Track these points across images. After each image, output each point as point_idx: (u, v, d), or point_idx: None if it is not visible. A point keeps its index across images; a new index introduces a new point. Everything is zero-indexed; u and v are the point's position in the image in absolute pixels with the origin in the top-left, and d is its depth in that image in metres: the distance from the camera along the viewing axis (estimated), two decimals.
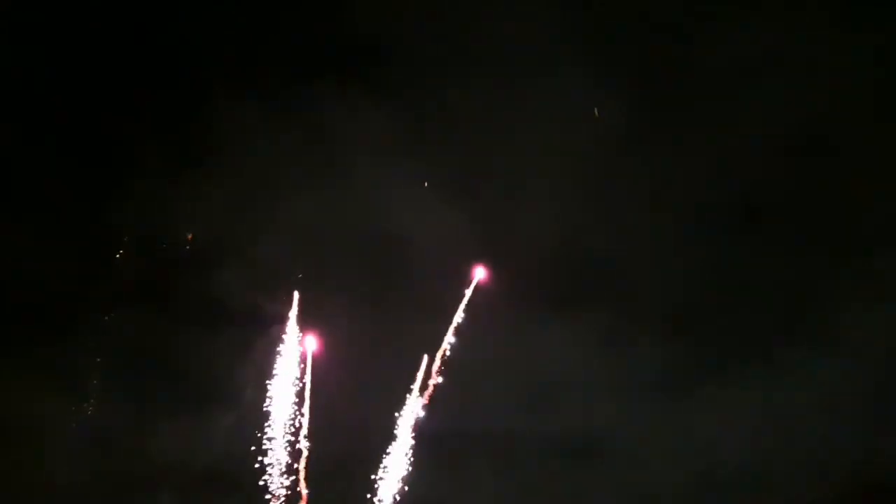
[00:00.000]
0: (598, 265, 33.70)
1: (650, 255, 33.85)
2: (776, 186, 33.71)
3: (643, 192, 34.31)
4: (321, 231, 32.88)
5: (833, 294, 32.62)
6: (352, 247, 33.09)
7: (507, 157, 33.97)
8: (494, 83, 34.03)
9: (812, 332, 32.17)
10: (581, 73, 33.18)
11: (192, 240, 33.35)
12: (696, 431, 32.39)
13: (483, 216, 33.51)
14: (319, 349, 32.72)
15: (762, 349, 32.84)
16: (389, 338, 32.57)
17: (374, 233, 33.09)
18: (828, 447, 31.80)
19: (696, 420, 32.34)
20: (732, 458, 32.45)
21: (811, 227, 33.45)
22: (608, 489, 32.49)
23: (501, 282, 33.23)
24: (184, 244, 33.43)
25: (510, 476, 32.80)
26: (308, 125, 33.21)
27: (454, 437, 32.36)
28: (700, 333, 33.04)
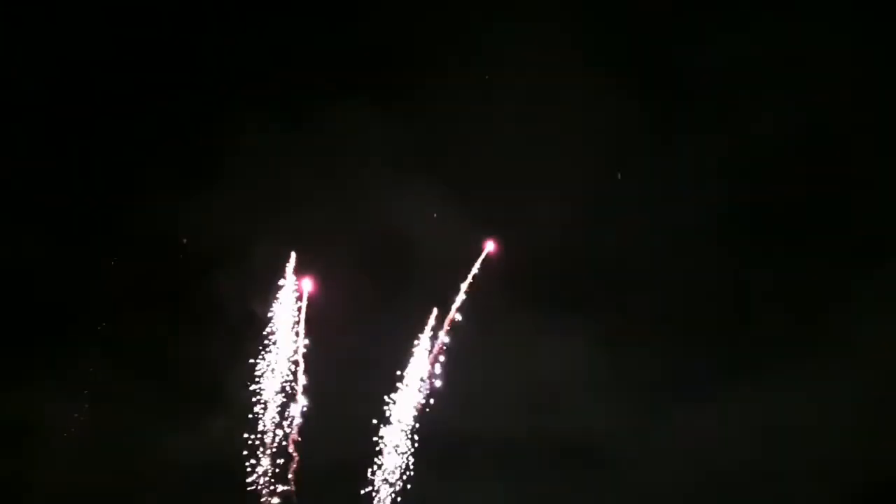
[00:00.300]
0: (602, 268, 33.76)
1: (654, 258, 33.86)
2: (785, 190, 33.60)
3: (648, 195, 34.31)
4: (325, 233, 32.96)
5: (841, 299, 32.63)
6: (357, 243, 33.11)
7: (511, 160, 33.97)
8: (498, 87, 34.12)
9: (817, 337, 32.14)
10: (586, 76, 33.21)
11: (189, 244, 33.22)
12: (699, 436, 32.32)
13: (486, 218, 33.54)
14: (315, 290, 32.69)
15: (767, 353, 32.78)
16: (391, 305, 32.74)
17: (380, 233, 33.16)
18: (833, 452, 31.72)
19: (699, 424, 32.30)
20: (735, 464, 32.36)
21: (819, 232, 33.31)
22: (609, 493, 32.51)
23: (504, 284, 33.08)
24: (188, 249, 33.35)
25: (511, 479, 32.76)
26: (316, 131, 33.32)
27: (454, 440, 32.31)
28: (704, 337, 33.04)
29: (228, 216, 32.72)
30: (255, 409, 32.08)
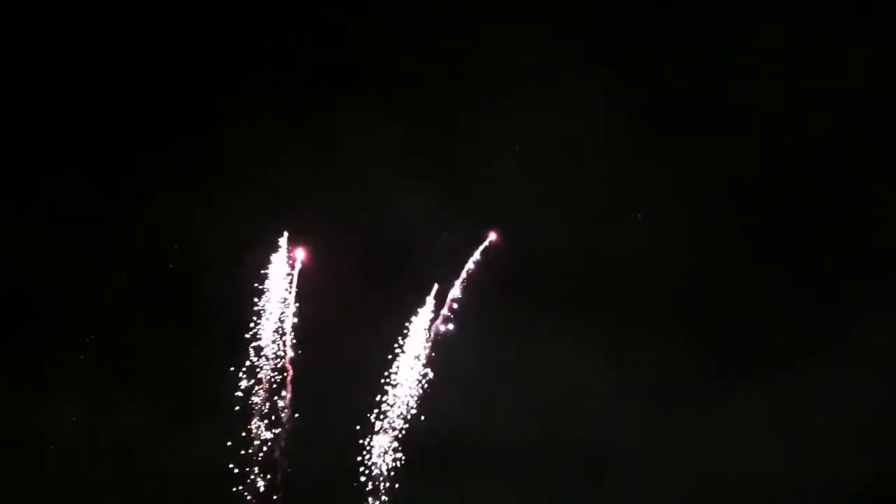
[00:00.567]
0: (606, 271, 33.63)
1: (663, 262, 33.70)
2: (794, 192, 33.60)
3: (654, 199, 34.03)
4: (323, 229, 32.94)
5: (851, 303, 32.54)
6: (356, 238, 33.17)
7: (516, 162, 34.06)
8: (502, 91, 34.16)
9: (828, 341, 32.08)
10: (590, 79, 33.16)
11: (181, 250, 33.12)
12: (704, 440, 32.20)
13: (489, 221, 33.52)
14: (307, 259, 32.68)
15: (777, 358, 32.67)
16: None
17: (382, 233, 33.13)
18: (843, 457, 31.61)
19: (704, 429, 32.18)
20: (741, 468, 32.33)
21: (822, 235, 33.32)
22: (613, 497, 32.38)
23: (508, 288, 33.07)
24: (180, 255, 33.17)
25: (516, 485, 32.60)
26: (320, 135, 33.42)
27: (458, 445, 32.15)
28: (714, 342, 32.93)
29: (226, 218, 32.71)
30: (249, 414, 32.14)
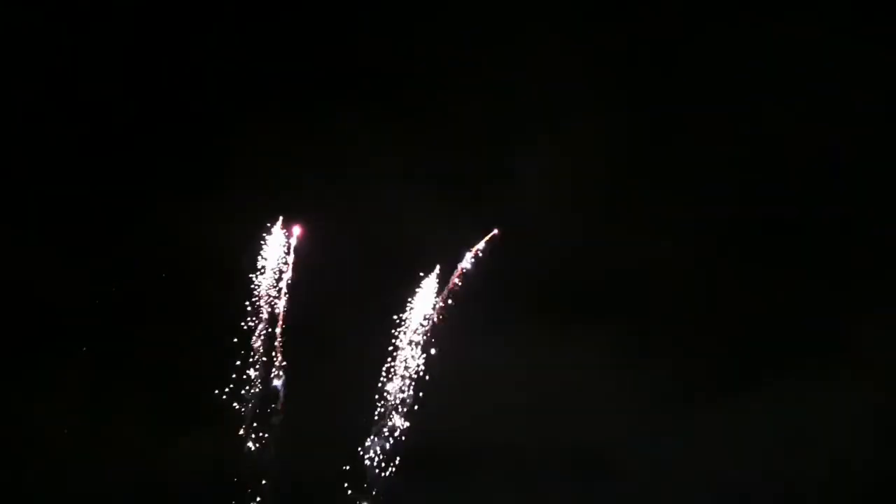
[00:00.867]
0: (612, 278, 33.57)
1: (665, 268, 33.61)
2: (792, 200, 33.63)
3: (657, 206, 34.15)
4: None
5: (851, 309, 32.49)
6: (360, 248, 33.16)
7: (520, 169, 33.93)
8: (505, 96, 34.27)
9: (829, 347, 32.11)
10: (594, 87, 33.30)
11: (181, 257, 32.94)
12: (710, 444, 32.20)
13: (494, 227, 33.42)
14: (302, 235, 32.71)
15: (778, 363, 32.65)
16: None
17: (385, 238, 33.15)
18: (845, 462, 31.63)
19: (710, 433, 32.15)
20: (746, 473, 32.28)
21: (830, 241, 33.26)
22: (619, 502, 32.33)
23: (512, 289, 33.12)
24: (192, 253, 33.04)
25: (518, 489, 32.57)
26: (324, 141, 33.43)
27: (460, 448, 32.06)
28: (715, 347, 32.95)
29: (225, 216, 32.69)
30: (244, 413, 32.28)
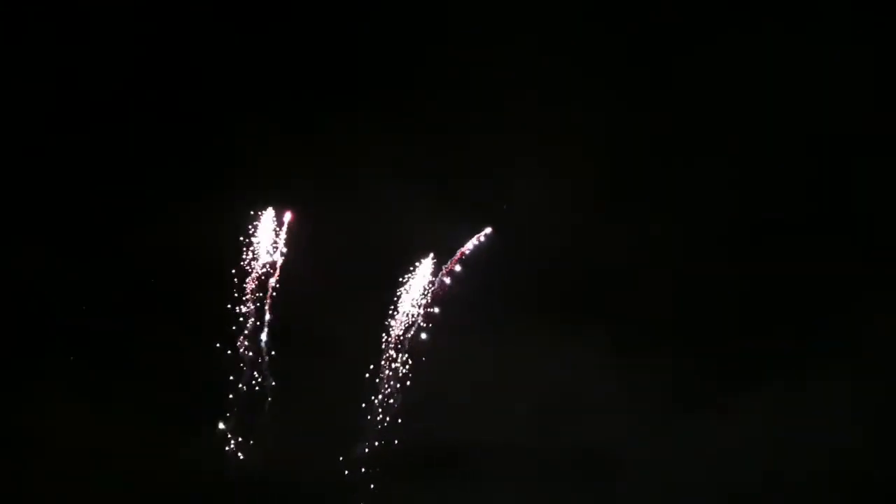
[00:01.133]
0: (612, 278, 33.59)
1: (665, 268, 33.68)
2: (793, 196, 33.56)
3: (658, 204, 34.16)
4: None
5: (852, 306, 32.49)
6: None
7: (517, 169, 33.78)
8: (503, 97, 34.08)
9: (830, 345, 32.08)
10: (589, 87, 33.20)
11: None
12: (710, 444, 32.25)
13: (490, 225, 33.50)
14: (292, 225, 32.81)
15: (779, 362, 32.61)
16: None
17: (377, 236, 33.16)
18: (847, 461, 31.62)
19: (710, 433, 32.22)
20: (748, 473, 32.35)
21: (829, 238, 33.26)
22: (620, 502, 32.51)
23: (512, 294, 33.17)
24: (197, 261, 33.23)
25: (520, 491, 32.59)
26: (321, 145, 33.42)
27: (462, 450, 32.29)
28: (717, 346, 32.94)
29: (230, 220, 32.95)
30: (236, 414, 32.62)
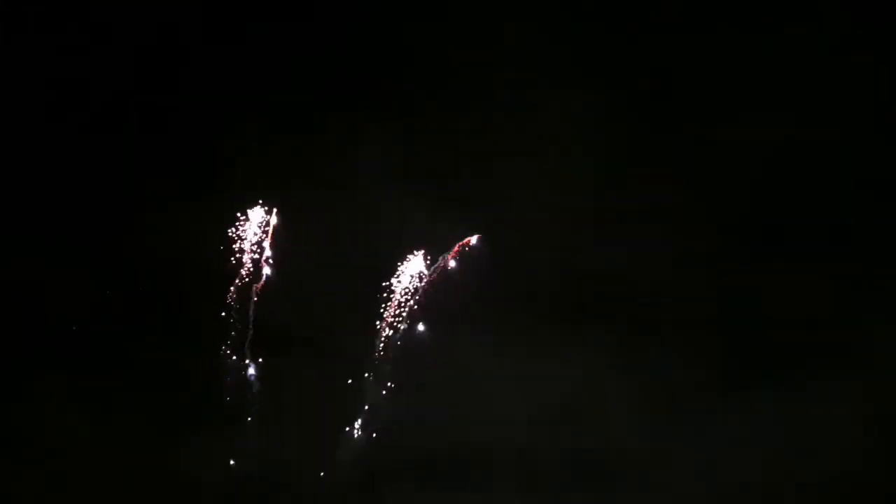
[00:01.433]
0: (613, 279, 33.40)
1: (667, 270, 33.52)
2: (798, 200, 33.44)
3: (659, 206, 33.97)
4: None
5: (856, 310, 32.39)
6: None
7: (517, 169, 33.76)
8: (502, 99, 34.06)
9: (833, 349, 31.97)
10: (590, 87, 33.09)
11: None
12: (713, 449, 32.23)
13: (493, 229, 33.54)
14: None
15: (783, 366, 32.53)
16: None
17: (372, 243, 33.22)
18: (851, 466, 31.51)
19: (713, 437, 32.21)
20: (749, 476, 32.24)
21: (836, 240, 33.16)
22: None
23: (514, 295, 33.11)
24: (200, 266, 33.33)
25: (521, 494, 32.61)
26: (316, 146, 33.37)
27: (456, 454, 32.18)
28: (720, 350, 32.87)
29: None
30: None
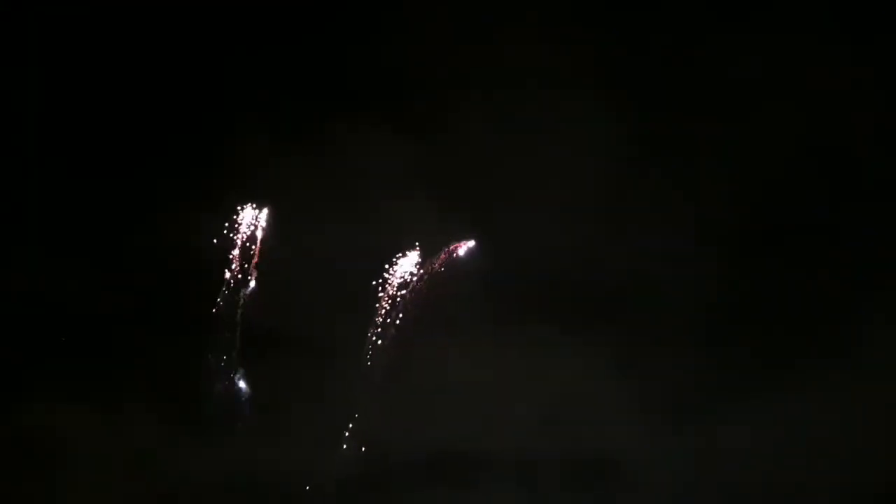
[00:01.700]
0: (614, 281, 33.52)
1: (666, 273, 33.56)
2: (799, 201, 33.51)
3: (659, 209, 34.10)
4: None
5: (857, 311, 32.35)
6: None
7: (519, 175, 33.88)
8: (506, 106, 34.17)
9: (834, 350, 31.93)
10: (594, 96, 33.19)
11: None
12: (715, 451, 32.26)
13: (494, 233, 33.59)
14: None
15: (783, 368, 32.50)
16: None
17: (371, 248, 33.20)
18: (853, 466, 31.53)
19: (715, 440, 32.22)
20: (752, 480, 32.30)
21: (838, 242, 33.24)
22: None
23: (514, 300, 33.13)
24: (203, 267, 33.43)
25: (521, 499, 32.59)
26: (324, 154, 33.44)
27: (462, 457, 32.26)
28: (719, 352, 32.88)
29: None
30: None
